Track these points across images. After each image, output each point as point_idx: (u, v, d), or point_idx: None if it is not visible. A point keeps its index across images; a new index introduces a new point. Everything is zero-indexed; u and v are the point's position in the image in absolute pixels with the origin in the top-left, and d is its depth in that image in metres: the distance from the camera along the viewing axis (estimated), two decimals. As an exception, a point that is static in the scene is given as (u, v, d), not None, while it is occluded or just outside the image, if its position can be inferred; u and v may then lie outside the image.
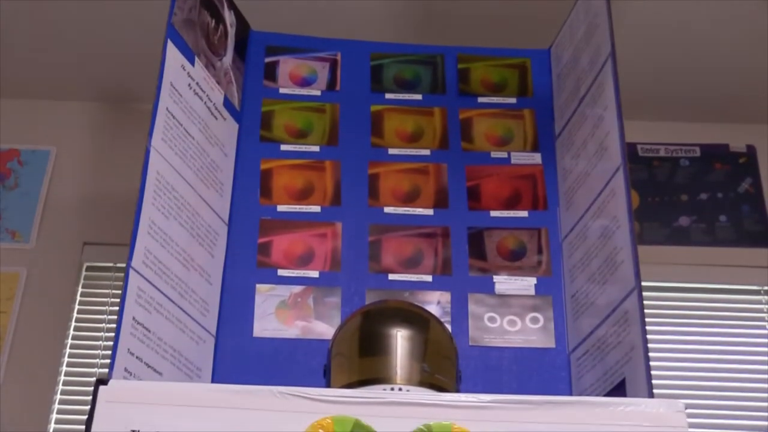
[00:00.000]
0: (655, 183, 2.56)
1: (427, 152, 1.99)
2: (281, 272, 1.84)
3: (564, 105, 1.95)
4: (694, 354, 2.41)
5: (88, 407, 1.20)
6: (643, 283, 1.48)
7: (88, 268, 2.45)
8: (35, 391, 2.27)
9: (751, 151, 2.59)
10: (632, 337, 1.47)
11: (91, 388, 1.20)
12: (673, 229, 2.50)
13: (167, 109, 1.64)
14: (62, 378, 2.31)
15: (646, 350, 1.41)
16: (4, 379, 2.27)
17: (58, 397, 2.30)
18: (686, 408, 1.21)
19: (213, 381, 1.70)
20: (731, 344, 2.42)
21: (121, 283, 1.46)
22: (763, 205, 2.52)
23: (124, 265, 1.46)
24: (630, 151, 2.27)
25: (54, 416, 2.27)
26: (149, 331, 1.49)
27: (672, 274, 2.45)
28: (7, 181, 2.50)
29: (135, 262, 1.47)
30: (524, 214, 1.92)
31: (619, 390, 1.49)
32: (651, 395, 1.36)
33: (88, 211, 2.48)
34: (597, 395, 1.58)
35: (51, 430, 2.25)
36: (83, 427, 1.19)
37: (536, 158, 1.98)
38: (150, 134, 1.57)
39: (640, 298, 1.46)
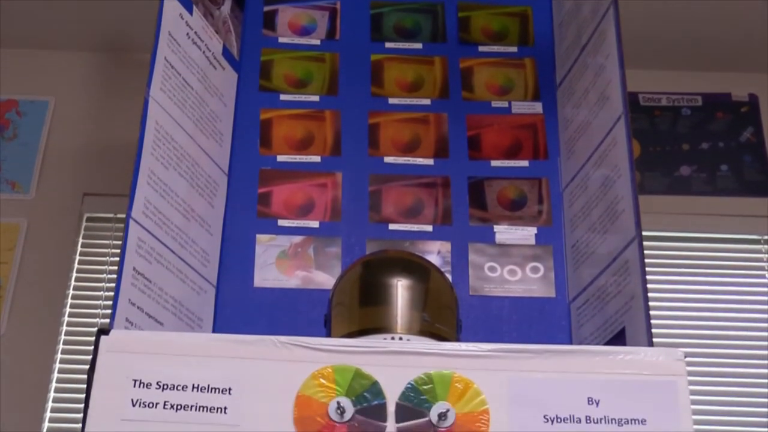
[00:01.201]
0: (656, 132, 2.55)
1: (427, 102, 1.98)
2: (281, 222, 1.84)
3: (565, 54, 1.93)
4: (694, 303, 2.42)
5: (90, 357, 1.20)
6: (644, 233, 1.48)
7: (89, 219, 2.45)
8: (37, 342, 2.28)
9: (753, 100, 2.57)
10: (632, 286, 1.47)
11: (93, 339, 1.21)
12: (673, 179, 2.50)
13: (165, 58, 1.63)
14: (64, 328, 2.32)
15: (646, 299, 1.41)
16: (6, 329, 2.28)
17: (61, 347, 2.31)
18: (685, 356, 1.21)
19: (214, 331, 1.70)
20: (731, 293, 2.42)
21: (121, 233, 1.46)
22: (765, 155, 2.51)
23: (124, 215, 1.46)
24: (631, 101, 2.26)
25: (57, 366, 2.29)
26: (150, 282, 1.49)
27: (672, 223, 2.45)
28: (5, 131, 2.49)
29: (135, 213, 1.47)
30: (525, 163, 1.92)
31: (618, 339, 1.50)
32: (650, 344, 1.37)
33: (88, 162, 2.48)
34: (597, 344, 1.58)
35: (53, 379, 2.27)
36: (85, 376, 1.20)
37: (537, 108, 1.97)
38: (148, 84, 1.56)
39: (641, 248, 1.46)
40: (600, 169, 1.67)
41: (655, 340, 1.38)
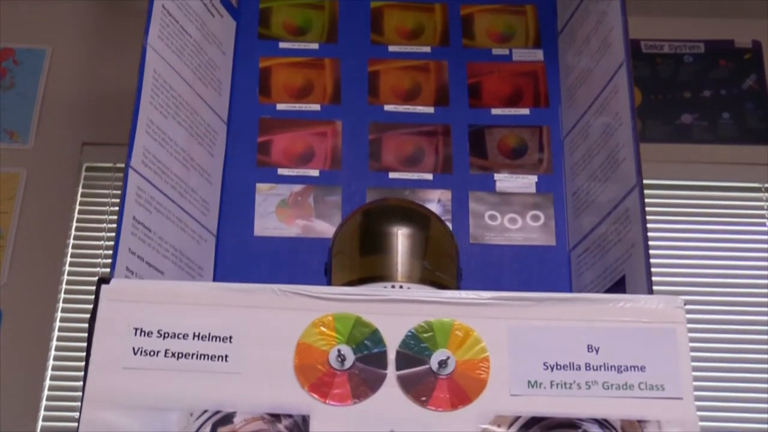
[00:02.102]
0: (658, 80, 2.53)
1: (427, 49, 1.96)
2: (281, 171, 1.84)
3: (567, 0, 1.91)
4: (694, 251, 2.42)
5: (91, 307, 1.21)
6: (645, 181, 1.47)
7: (88, 169, 2.44)
8: (38, 292, 2.28)
9: (756, 46, 2.55)
10: (633, 234, 1.47)
11: (94, 288, 1.21)
12: (675, 127, 2.48)
13: (163, 6, 1.61)
14: (65, 278, 2.33)
15: (647, 247, 1.41)
16: (7, 279, 2.28)
17: (62, 296, 2.31)
18: (685, 304, 1.22)
19: (214, 280, 1.71)
20: (731, 241, 2.42)
21: (120, 183, 1.46)
22: (767, 102, 2.50)
23: (123, 165, 1.45)
24: (633, 48, 2.24)
25: (58, 315, 2.29)
26: (150, 231, 1.49)
27: (673, 171, 2.44)
28: (2, 80, 2.47)
29: (134, 162, 1.47)
30: (525, 111, 1.91)
31: (618, 286, 1.50)
32: (650, 291, 1.37)
33: (87, 111, 2.46)
34: (597, 292, 1.59)
35: (55, 328, 2.28)
36: (87, 326, 1.20)
37: (538, 55, 1.96)
38: (146, 32, 1.55)
39: (641, 196, 1.46)
40: (601, 117, 1.66)
41: (655, 287, 1.39)
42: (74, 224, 2.38)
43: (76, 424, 1.15)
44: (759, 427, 2.25)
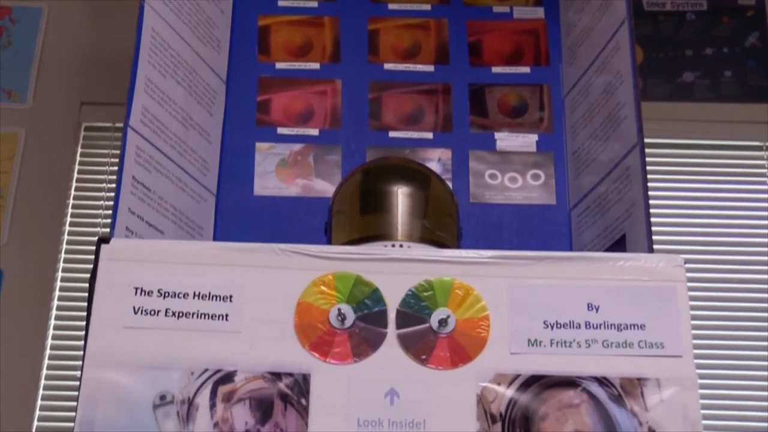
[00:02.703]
0: (659, 38, 2.52)
1: (427, 7, 1.94)
2: (281, 130, 1.83)
3: (568, -44, 1.90)
4: (695, 210, 2.42)
5: (91, 266, 1.21)
6: (645, 140, 1.47)
7: (87, 128, 2.43)
8: (39, 251, 2.28)
9: (759, 4, 2.53)
10: (633, 193, 1.47)
11: (94, 248, 1.21)
12: (676, 85, 2.47)
13: (160, -37, 1.59)
14: (65, 238, 2.33)
15: (647, 206, 1.41)
16: (7, 239, 2.28)
17: (62, 256, 2.32)
18: (685, 262, 1.22)
19: (214, 239, 1.71)
20: (732, 200, 2.42)
21: (119, 143, 1.45)
22: (769, 60, 2.49)
23: (122, 124, 1.44)
24: (635, 5, 2.22)
25: (59, 275, 2.30)
26: (149, 190, 1.49)
27: (674, 130, 2.43)
28: None
29: (133, 121, 1.46)
30: (526, 70, 1.90)
31: (619, 245, 1.50)
32: (651, 250, 1.37)
33: (84, 71, 2.45)
34: (597, 251, 1.59)
35: (56, 288, 2.28)
36: (87, 285, 1.20)
37: (539, 12, 1.94)
38: (143, -10, 1.54)
39: (642, 155, 1.45)
40: (602, 75, 1.65)
41: (655, 246, 1.39)
42: (74, 184, 2.38)
43: (77, 383, 1.16)
44: (758, 384, 2.26)
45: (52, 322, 2.26)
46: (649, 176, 1.44)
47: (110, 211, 1.40)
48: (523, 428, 1.14)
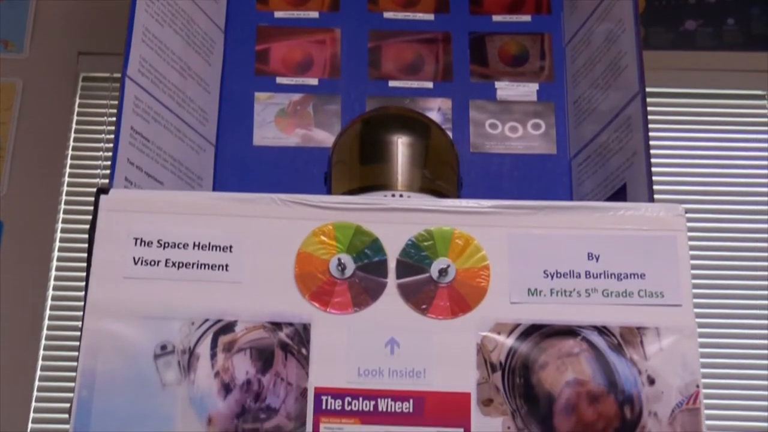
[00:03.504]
0: (662, -15, 2.50)
1: (427, -46, 1.93)
2: (280, 80, 1.82)
3: None
4: (696, 159, 2.41)
5: (91, 217, 1.20)
6: (647, 89, 1.46)
7: (85, 79, 2.42)
8: (39, 202, 2.28)
9: (762, -50, 2.51)
10: (634, 142, 1.46)
11: (93, 198, 1.21)
12: (678, 34, 2.45)
13: None
14: (65, 189, 2.32)
15: (648, 155, 1.41)
16: (7, 190, 2.28)
17: (62, 207, 2.32)
18: (686, 212, 1.22)
19: (214, 190, 1.71)
20: (733, 149, 2.41)
21: (118, 93, 1.44)
22: (773, 7, 2.46)
23: (120, 75, 1.44)
24: (637, -48, 2.20)
25: (59, 226, 2.30)
26: (148, 141, 1.48)
27: (676, 79, 2.42)
28: (-4, -12, 2.44)
29: (131, 71, 1.45)
30: (527, 18, 1.88)
31: (619, 195, 1.50)
32: (651, 200, 1.37)
33: (82, 20, 2.43)
34: (597, 200, 1.59)
35: (56, 239, 2.28)
36: (87, 236, 1.20)
37: (540, -40, 1.92)
38: (140, -63, 1.52)
39: (644, 104, 1.45)
40: (604, 23, 1.64)
41: (656, 196, 1.38)
42: (72, 135, 2.38)
43: (78, 333, 1.16)
44: (758, 332, 2.27)
45: (53, 273, 2.27)
46: (650, 125, 1.44)
47: (109, 162, 1.39)
48: (522, 377, 1.14)
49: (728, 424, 2.23)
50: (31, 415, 2.19)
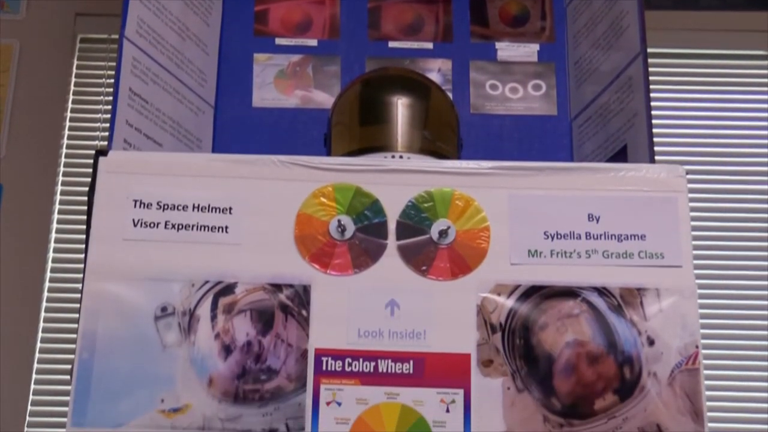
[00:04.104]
0: (664, -56, 2.47)
1: None
2: (279, 41, 1.81)
3: None
4: (697, 120, 2.40)
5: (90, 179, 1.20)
6: (648, 49, 1.45)
7: (82, 40, 2.40)
8: (38, 164, 2.28)
9: None
10: (635, 103, 1.46)
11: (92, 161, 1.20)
12: (680, -7, 2.44)
13: None
14: (64, 151, 2.32)
15: (649, 117, 1.40)
16: (6, 152, 2.28)
17: (61, 170, 2.31)
18: (687, 173, 1.21)
19: (213, 152, 1.70)
20: (734, 110, 2.40)
21: (116, 54, 1.43)
22: (776, -34, 2.44)
23: (118, 36, 1.43)
24: None
25: (59, 188, 2.29)
26: (147, 102, 1.47)
27: (678, 39, 2.40)
28: (-9, -52, 2.41)
29: (128, 32, 1.44)
30: (528, -22, 1.87)
31: (620, 156, 1.49)
32: (652, 161, 1.37)
33: (79, -20, 2.41)
34: (598, 162, 1.58)
35: (56, 201, 2.28)
36: (87, 198, 1.20)
37: None
38: None
39: (645, 64, 1.44)
40: (605, -18, 1.63)
41: (656, 157, 1.38)
42: (71, 97, 2.36)
43: (79, 296, 1.16)
44: (758, 293, 2.28)
45: (53, 235, 2.27)
46: (651, 86, 1.43)
47: (108, 124, 1.39)
48: (522, 338, 1.15)
49: (727, 384, 2.24)
50: (33, 376, 2.20)
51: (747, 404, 2.25)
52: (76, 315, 1.14)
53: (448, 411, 1.12)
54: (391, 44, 1.82)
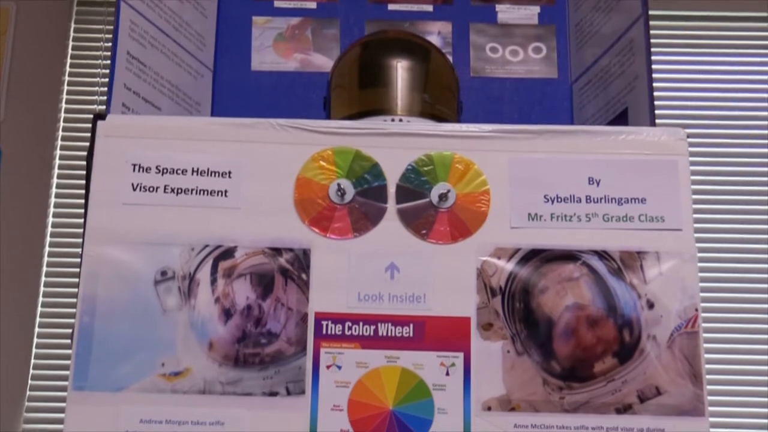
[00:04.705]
0: None
1: None
2: (277, 3, 1.79)
3: None
4: (698, 83, 2.40)
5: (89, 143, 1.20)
6: (650, 12, 1.44)
7: (80, 3, 2.39)
8: (37, 128, 2.27)
9: None
10: (636, 66, 1.45)
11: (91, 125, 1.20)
12: (682, -45, 2.42)
13: None
14: (62, 115, 2.31)
15: (650, 79, 1.39)
16: (4, 116, 2.27)
17: (60, 134, 2.31)
18: (687, 136, 1.21)
19: (212, 115, 1.69)
20: (736, 73, 2.40)
21: (113, 18, 1.42)
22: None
23: (115, -1, 1.42)
24: None
25: (57, 153, 2.29)
26: (145, 66, 1.46)
27: (679, 1, 2.39)
28: None
29: (125, -6, 1.43)
30: (529, -61, 1.85)
31: (621, 119, 1.49)
32: (653, 124, 1.36)
33: (75, -57, 2.40)
34: (599, 125, 1.57)
35: (56, 166, 2.28)
36: (85, 162, 1.19)
37: None
38: None
39: (647, 27, 1.43)
40: (607, -57, 1.61)
41: (657, 120, 1.37)
42: (68, 60, 2.35)
43: (79, 260, 1.16)
44: (758, 257, 2.28)
45: (53, 200, 2.27)
46: (652, 49, 1.42)
47: (106, 88, 1.38)
48: (522, 302, 1.15)
49: (727, 347, 2.25)
50: (35, 340, 2.21)
51: (746, 366, 2.26)
52: (77, 279, 1.14)
53: (447, 374, 1.13)
54: (391, 7, 1.80)
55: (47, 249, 2.24)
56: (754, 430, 2.24)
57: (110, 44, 1.41)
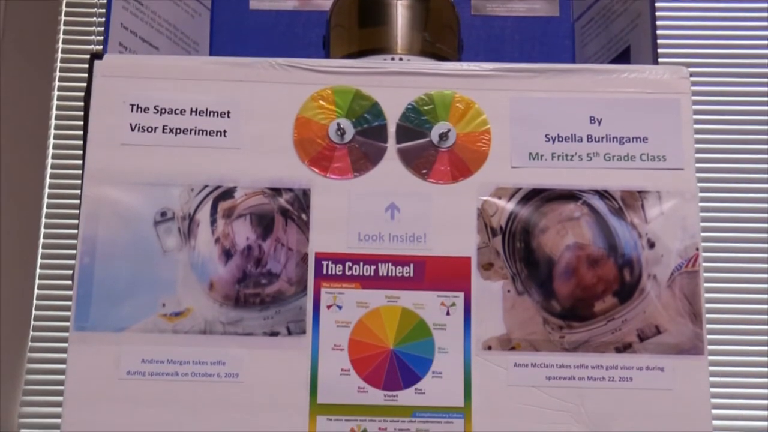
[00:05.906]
0: None
1: None
2: (275, -59, 1.77)
3: None
4: (701, 21, 2.38)
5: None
6: (654, -51, 1.42)
7: (75, -58, 2.37)
8: (34, 68, 2.26)
9: None
10: (639, 4, 1.43)
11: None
12: None
13: None
14: (59, 55, 2.30)
15: (653, 17, 1.38)
16: (1, 57, 2.25)
17: (58, 74, 2.29)
18: (690, 75, 1.20)
19: (210, 55, 1.68)
20: (740, 10, 2.37)
21: (108, -44, 1.40)
22: None
23: (110, -63, 1.40)
24: None
25: (55, 93, 2.28)
26: (142, 5, 1.45)
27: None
28: None
29: (121, -69, 1.41)
30: None
31: (623, 57, 1.47)
32: (656, 62, 1.35)
33: None
34: (601, 63, 1.56)
35: (53, 107, 2.27)
36: (83, 102, 1.19)
37: None
38: None
39: (650, -36, 1.41)
40: None
41: (660, 58, 1.36)
42: (65, 0, 2.33)
43: (78, 201, 1.16)
44: (759, 196, 2.28)
45: (51, 141, 2.26)
46: (655, -13, 1.40)
47: (103, 28, 1.37)
48: (523, 241, 1.15)
49: (727, 287, 2.25)
50: (36, 281, 2.21)
51: (746, 306, 2.27)
52: (76, 220, 1.14)
53: (448, 314, 1.13)
54: (391, -57, 1.78)
55: (47, 190, 2.24)
56: (752, 368, 2.26)
57: (106, -18, 1.39)
